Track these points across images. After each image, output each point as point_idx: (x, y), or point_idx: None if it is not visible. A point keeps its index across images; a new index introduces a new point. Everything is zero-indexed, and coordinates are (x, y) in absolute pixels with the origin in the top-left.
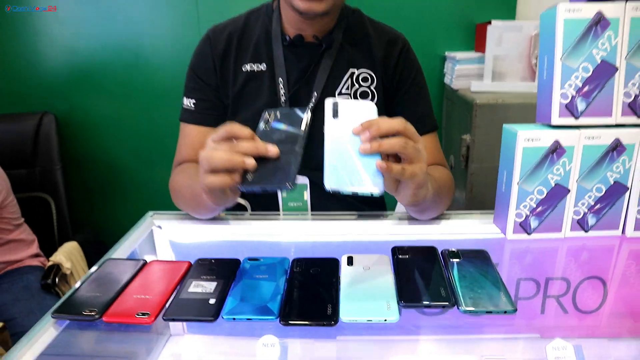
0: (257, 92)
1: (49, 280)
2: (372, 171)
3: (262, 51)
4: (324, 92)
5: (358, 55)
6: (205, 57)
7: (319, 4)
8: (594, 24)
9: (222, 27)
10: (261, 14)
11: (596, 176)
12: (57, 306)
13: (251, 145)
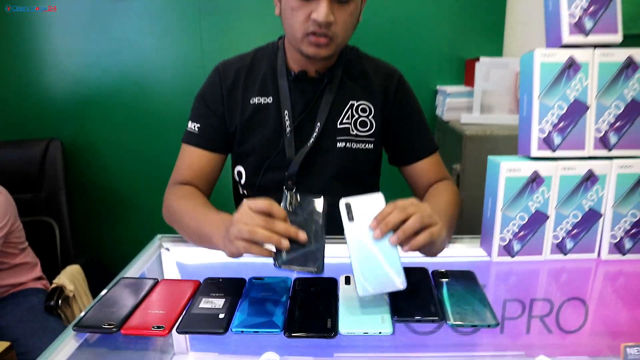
0: (264, 123)
1: (52, 302)
2: (394, 269)
3: (268, 85)
4: (327, 122)
5: (357, 88)
6: (215, 88)
7: (324, 50)
8: (567, 67)
9: (230, 63)
10: (267, 52)
11: (572, 204)
12: (77, 320)
13: (286, 227)
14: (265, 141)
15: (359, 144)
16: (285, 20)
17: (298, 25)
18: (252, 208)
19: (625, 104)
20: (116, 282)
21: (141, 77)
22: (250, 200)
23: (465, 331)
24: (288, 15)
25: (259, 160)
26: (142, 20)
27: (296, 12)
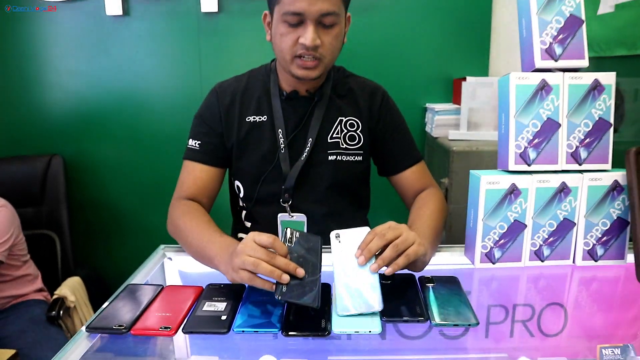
0: (259, 140)
1: (54, 313)
2: (374, 292)
3: (263, 105)
4: (318, 137)
5: (345, 105)
6: (213, 108)
7: (313, 71)
8: (540, 89)
9: (227, 85)
10: (261, 73)
11: (548, 214)
12: (89, 322)
13: (286, 263)
14: (261, 157)
15: (348, 156)
16: (275, 45)
17: (287, 50)
18: (257, 242)
19: (594, 122)
20: (124, 288)
21: (141, 96)
22: (255, 234)
23: (452, 335)
24: (278, 40)
25: (255, 174)
26: (143, 41)
27: (285, 37)
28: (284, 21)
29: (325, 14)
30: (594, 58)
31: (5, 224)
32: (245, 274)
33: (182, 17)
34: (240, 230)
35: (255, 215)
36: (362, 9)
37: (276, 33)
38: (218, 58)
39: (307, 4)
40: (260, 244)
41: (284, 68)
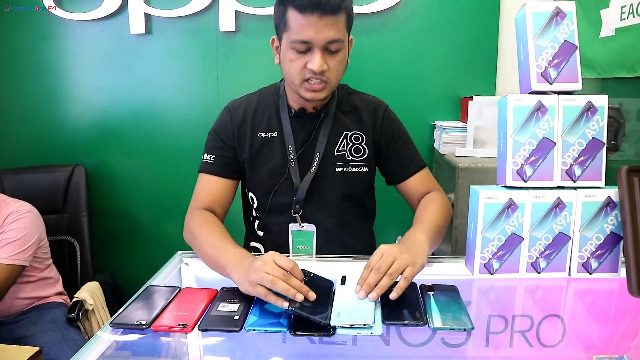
0: (271, 154)
1: (73, 315)
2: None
3: (273, 122)
4: (325, 151)
5: (349, 120)
6: (226, 125)
7: (320, 93)
8: (536, 110)
9: (239, 102)
10: (270, 92)
11: (544, 227)
12: (114, 318)
13: (300, 285)
14: (272, 170)
15: (354, 167)
16: (284, 69)
17: (296, 74)
18: (276, 262)
19: (587, 142)
20: (144, 289)
21: (161, 111)
22: (276, 255)
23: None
24: (287, 65)
25: (268, 187)
26: (164, 58)
27: (294, 63)
28: (292, 48)
29: (331, 41)
30: (597, 79)
31: (31, 229)
32: (262, 289)
33: (202, 36)
34: (254, 240)
35: (268, 225)
36: (374, 29)
37: (285, 58)
38: (235, 75)
39: (314, 32)
40: (280, 264)
41: (293, 90)
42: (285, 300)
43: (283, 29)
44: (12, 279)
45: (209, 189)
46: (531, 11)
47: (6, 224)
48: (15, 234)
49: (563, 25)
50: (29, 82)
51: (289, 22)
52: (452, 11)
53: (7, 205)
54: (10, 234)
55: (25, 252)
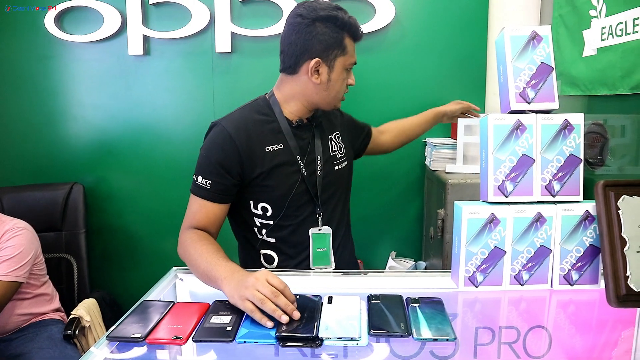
0: (282, 165)
1: (70, 331)
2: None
3: (276, 134)
4: (323, 155)
5: (327, 124)
6: (227, 151)
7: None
8: (515, 128)
9: (235, 124)
10: (259, 106)
11: (526, 241)
12: (110, 331)
13: (286, 304)
14: (285, 180)
15: (342, 163)
16: (332, 87)
17: (341, 90)
18: (269, 281)
19: (565, 158)
20: (139, 304)
21: (158, 130)
22: (269, 274)
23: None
24: (336, 83)
25: (283, 195)
26: (162, 78)
27: (342, 81)
28: (346, 69)
29: None
30: (582, 97)
31: (27, 246)
32: (250, 305)
33: (198, 56)
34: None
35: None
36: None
37: (338, 78)
38: (230, 95)
39: (356, 55)
40: (272, 284)
41: (327, 105)
42: (270, 320)
43: (339, 53)
44: (9, 295)
45: (204, 212)
46: (509, 35)
47: (2, 241)
48: (11, 251)
49: (540, 48)
50: (29, 101)
51: (347, 47)
52: (442, 32)
53: (3, 223)
54: (6, 251)
55: (21, 269)
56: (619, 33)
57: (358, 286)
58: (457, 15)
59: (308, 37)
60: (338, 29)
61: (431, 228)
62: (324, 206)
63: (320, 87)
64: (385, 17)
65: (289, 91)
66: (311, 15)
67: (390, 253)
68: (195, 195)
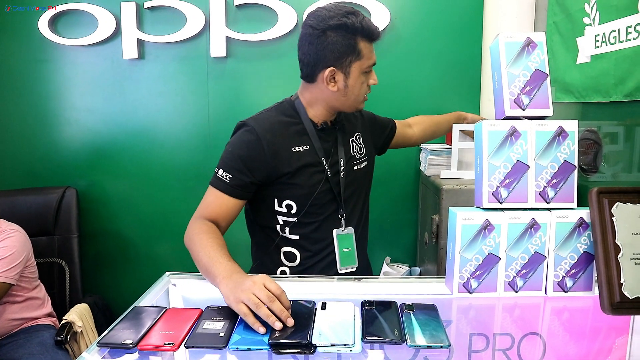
0: (307, 165)
1: (61, 337)
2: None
3: (302, 136)
4: (345, 157)
5: (349, 127)
6: (258, 151)
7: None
8: (510, 134)
9: (262, 123)
10: (286, 109)
11: (520, 247)
12: (101, 338)
13: (281, 310)
14: (310, 179)
15: (361, 163)
16: (352, 92)
17: (363, 93)
18: (266, 286)
19: (559, 165)
20: (131, 309)
21: (152, 134)
22: (267, 279)
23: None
24: (356, 87)
25: (307, 192)
26: (156, 82)
27: (363, 85)
28: (363, 72)
29: None
30: (576, 103)
31: (18, 248)
32: (244, 308)
33: (193, 61)
34: (287, 245)
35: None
36: None
37: (357, 83)
38: (225, 99)
39: (374, 56)
40: (269, 289)
41: (350, 107)
42: (262, 326)
43: (354, 58)
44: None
45: (219, 205)
46: (504, 41)
47: None
48: (2, 252)
49: (534, 54)
50: (23, 105)
51: (362, 51)
52: (437, 37)
53: None
54: (1, 251)
55: (12, 270)
56: (612, 41)
57: (352, 292)
58: (452, 21)
59: (320, 48)
60: (350, 35)
61: (426, 233)
62: (345, 205)
63: (338, 94)
64: (380, 22)
65: (310, 97)
66: (321, 26)
67: (385, 258)
68: (213, 187)
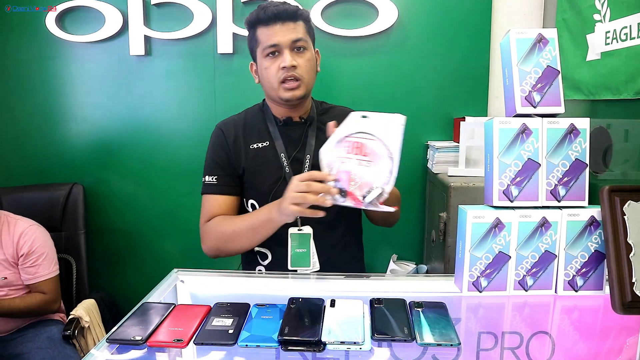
0: (265, 162)
1: (69, 332)
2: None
3: (263, 133)
4: (314, 154)
5: None
6: (222, 144)
7: (297, 91)
8: (521, 132)
9: (228, 122)
10: (255, 109)
11: (530, 246)
12: (110, 334)
13: (323, 187)
14: (269, 176)
15: None
16: (263, 80)
17: (273, 78)
18: (298, 180)
19: (570, 163)
20: (140, 306)
21: (158, 130)
22: (295, 177)
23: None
24: (265, 74)
25: (266, 192)
26: (163, 79)
27: (269, 69)
28: (266, 56)
29: (295, 40)
30: (585, 101)
31: (48, 239)
32: (295, 208)
33: (200, 57)
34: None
35: None
36: (369, 52)
37: (262, 69)
38: (232, 95)
39: (280, 36)
40: (301, 179)
41: (273, 99)
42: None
43: (256, 47)
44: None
45: (218, 205)
46: (515, 37)
47: (21, 243)
48: (41, 250)
49: (546, 51)
50: (30, 101)
51: (259, 37)
52: (445, 34)
53: (15, 223)
54: (37, 252)
55: (56, 262)
56: (623, 37)
57: (360, 290)
58: (460, 18)
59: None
60: (250, 28)
61: (433, 231)
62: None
63: (262, 85)
64: (388, 19)
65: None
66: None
67: (392, 256)
68: (205, 195)
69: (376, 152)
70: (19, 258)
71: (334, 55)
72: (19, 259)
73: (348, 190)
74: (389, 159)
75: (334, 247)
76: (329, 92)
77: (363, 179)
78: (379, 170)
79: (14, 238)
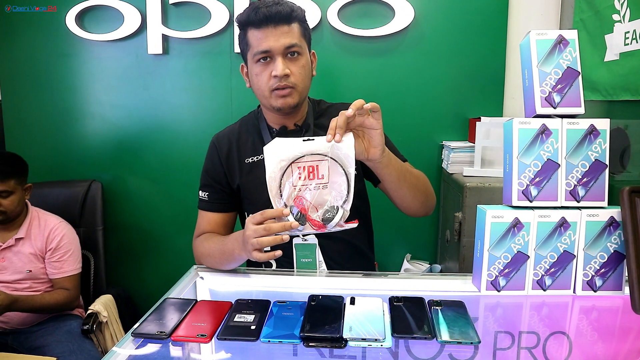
0: (260, 177)
1: (87, 326)
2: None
3: (257, 145)
4: None
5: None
6: (214, 160)
7: (289, 99)
8: (541, 133)
9: (222, 135)
10: (250, 118)
11: (549, 246)
12: (135, 328)
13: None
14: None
15: None
16: (254, 86)
17: (264, 85)
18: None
19: (590, 164)
20: (162, 301)
21: (176, 129)
22: (250, 218)
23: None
24: (255, 80)
25: (263, 206)
26: (180, 77)
27: (260, 76)
28: (257, 61)
29: (289, 46)
30: (602, 102)
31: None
32: (257, 255)
33: (217, 56)
34: None
35: None
36: (385, 52)
37: (252, 75)
38: (248, 95)
39: (273, 41)
40: (255, 222)
41: (265, 106)
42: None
43: (247, 50)
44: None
45: (207, 222)
46: (535, 38)
47: (51, 238)
48: (68, 246)
49: (566, 52)
50: (49, 99)
51: (250, 41)
52: (461, 35)
53: (46, 219)
54: (64, 248)
55: (79, 260)
56: None
57: (377, 288)
58: (476, 18)
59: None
60: (241, 30)
61: (447, 231)
62: None
63: (253, 91)
64: (404, 19)
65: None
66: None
67: (405, 255)
68: (199, 209)
69: (330, 172)
70: (46, 252)
71: (350, 55)
72: (47, 253)
73: (309, 218)
74: (344, 176)
75: (341, 254)
76: (345, 92)
77: (322, 202)
78: (337, 190)
79: (44, 232)
